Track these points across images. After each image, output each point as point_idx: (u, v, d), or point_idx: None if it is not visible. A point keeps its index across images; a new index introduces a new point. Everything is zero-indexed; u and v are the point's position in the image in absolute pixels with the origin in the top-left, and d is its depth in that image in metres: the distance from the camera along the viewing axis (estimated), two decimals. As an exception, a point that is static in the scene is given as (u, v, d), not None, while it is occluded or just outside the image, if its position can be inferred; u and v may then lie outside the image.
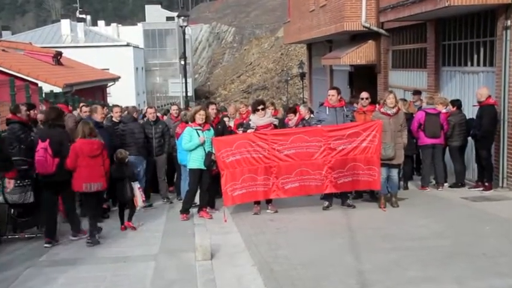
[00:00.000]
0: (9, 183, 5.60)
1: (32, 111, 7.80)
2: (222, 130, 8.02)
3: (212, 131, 7.40)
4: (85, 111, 8.28)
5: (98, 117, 7.73)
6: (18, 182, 6.27)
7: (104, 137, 6.90)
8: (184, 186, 7.87)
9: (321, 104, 8.36)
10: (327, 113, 7.42)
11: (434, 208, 7.40)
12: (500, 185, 8.35)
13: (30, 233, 6.55)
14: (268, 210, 7.40)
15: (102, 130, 7.47)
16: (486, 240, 5.67)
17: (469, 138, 8.66)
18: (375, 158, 7.20)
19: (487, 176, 8.27)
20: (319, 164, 7.19)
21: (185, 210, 7.42)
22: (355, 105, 8.71)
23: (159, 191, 9.06)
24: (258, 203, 7.41)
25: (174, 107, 10.38)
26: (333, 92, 7.47)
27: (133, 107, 10.78)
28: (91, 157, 6.16)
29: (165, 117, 10.53)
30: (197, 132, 7.17)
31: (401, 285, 4.47)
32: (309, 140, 7.18)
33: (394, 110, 7.28)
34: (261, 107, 7.43)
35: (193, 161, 7.23)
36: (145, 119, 9.16)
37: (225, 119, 8.82)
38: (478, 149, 8.34)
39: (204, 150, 7.17)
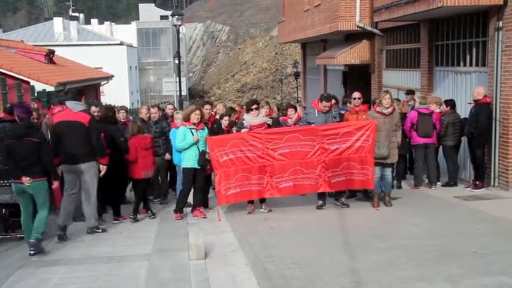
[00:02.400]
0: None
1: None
2: (217, 130, 8.00)
3: (206, 130, 7.39)
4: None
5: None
6: (11, 181, 6.23)
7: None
8: (179, 185, 7.86)
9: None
10: (316, 115, 7.43)
11: (427, 207, 7.44)
12: (492, 183, 8.41)
13: (22, 232, 6.49)
14: (262, 210, 7.41)
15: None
16: (477, 239, 5.71)
17: (463, 138, 8.71)
18: (369, 158, 7.23)
19: (480, 175, 8.33)
20: (313, 163, 7.21)
21: (179, 210, 7.40)
22: (348, 105, 8.73)
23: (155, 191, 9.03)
24: (252, 202, 7.41)
25: (171, 107, 9.90)
26: (328, 104, 7.43)
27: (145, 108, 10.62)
28: (145, 149, 7.36)
29: None
30: (191, 131, 7.16)
31: (395, 285, 4.48)
32: (303, 139, 7.19)
33: (390, 110, 7.32)
34: (254, 106, 7.43)
35: (187, 160, 7.22)
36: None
37: (225, 118, 8.71)
38: (472, 148, 8.40)
39: (198, 149, 7.16)
